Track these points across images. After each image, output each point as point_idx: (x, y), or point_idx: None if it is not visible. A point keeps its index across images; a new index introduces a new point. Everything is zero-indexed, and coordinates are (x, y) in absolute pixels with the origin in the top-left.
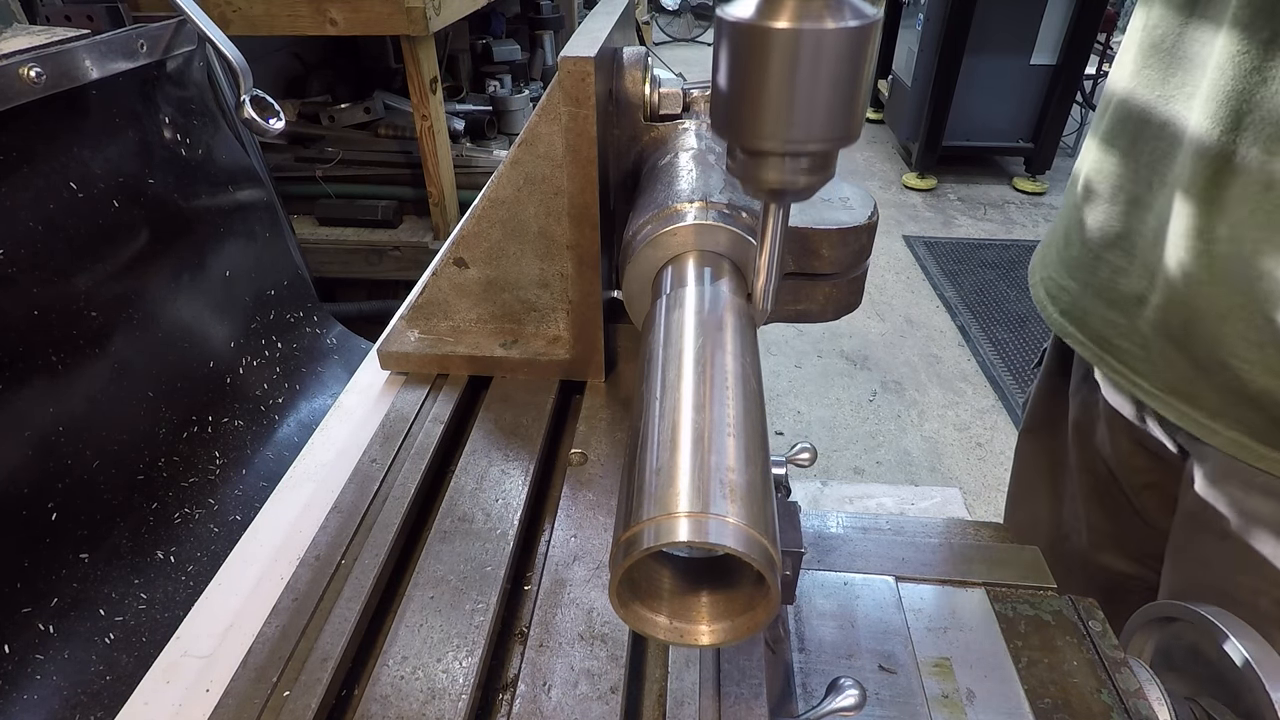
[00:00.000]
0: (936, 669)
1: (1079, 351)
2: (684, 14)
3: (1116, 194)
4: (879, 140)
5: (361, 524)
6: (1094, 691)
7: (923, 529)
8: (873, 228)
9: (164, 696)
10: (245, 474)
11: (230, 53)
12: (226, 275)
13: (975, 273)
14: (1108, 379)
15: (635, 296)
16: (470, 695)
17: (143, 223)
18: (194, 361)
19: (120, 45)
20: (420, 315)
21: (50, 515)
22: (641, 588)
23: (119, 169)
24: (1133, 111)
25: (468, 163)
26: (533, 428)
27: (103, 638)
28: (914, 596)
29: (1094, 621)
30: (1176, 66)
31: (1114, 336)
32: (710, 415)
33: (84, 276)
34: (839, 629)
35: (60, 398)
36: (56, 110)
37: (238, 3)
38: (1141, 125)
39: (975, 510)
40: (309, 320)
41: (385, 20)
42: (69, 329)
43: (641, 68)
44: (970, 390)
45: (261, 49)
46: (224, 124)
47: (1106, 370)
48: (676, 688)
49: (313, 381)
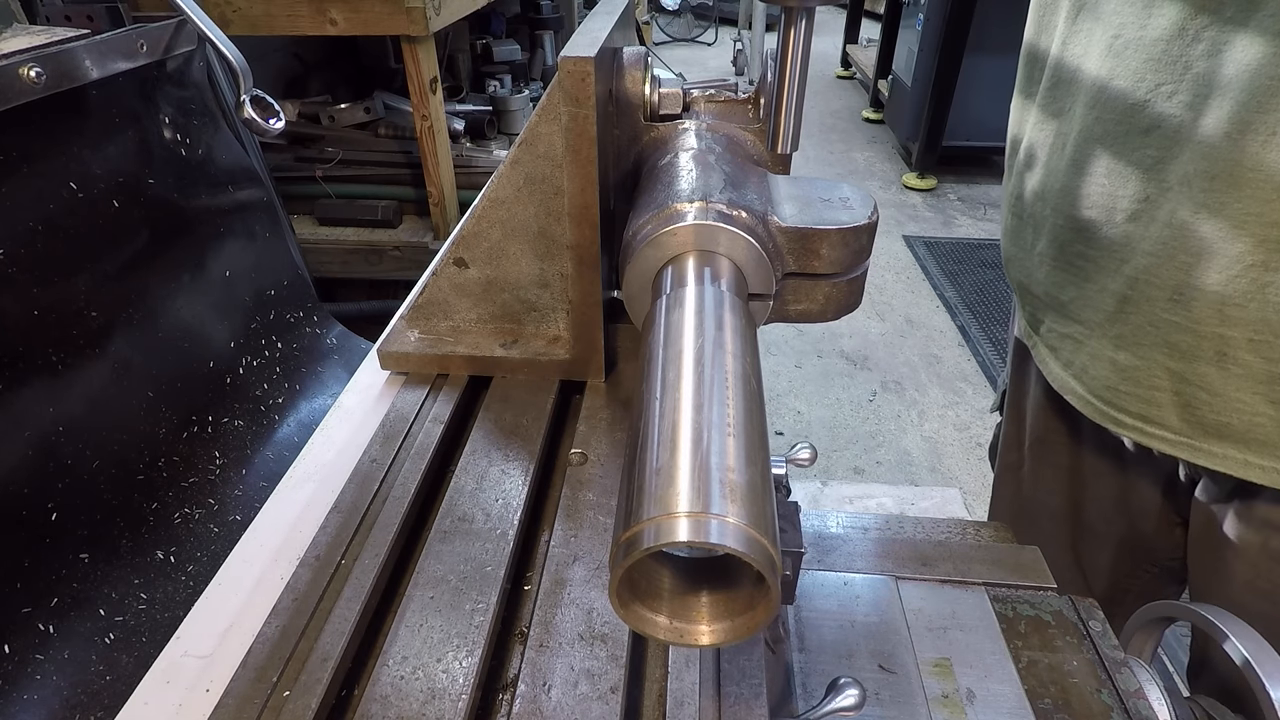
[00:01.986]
0: (936, 669)
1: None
2: (684, 14)
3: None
4: (879, 140)
5: (361, 524)
6: (1094, 691)
7: (922, 529)
8: (873, 228)
9: (164, 696)
10: (245, 474)
11: (230, 53)
12: (226, 275)
13: (975, 273)
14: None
15: (635, 296)
16: (470, 695)
17: (143, 223)
18: (194, 361)
19: (120, 45)
20: (420, 315)
21: (50, 515)
22: (641, 588)
23: (119, 169)
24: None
25: (468, 163)
26: (533, 428)
27: (103, 638)
28: (914, 596)
29: (1094, 621)
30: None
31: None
32: (710, 415)
33: (84, 276)
34: (839, 629)
35: (60, 398)
36: (56, 110)
37: (238, 3)
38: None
39: (975, 510)
40: (309, 320)
41: (385, 20)
42: (69, 329)
43: (641, 68)
44: (970, 390)
45: (261, 49)
46: (224, 124)
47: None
48: (676, 688)
49: (313, 381)
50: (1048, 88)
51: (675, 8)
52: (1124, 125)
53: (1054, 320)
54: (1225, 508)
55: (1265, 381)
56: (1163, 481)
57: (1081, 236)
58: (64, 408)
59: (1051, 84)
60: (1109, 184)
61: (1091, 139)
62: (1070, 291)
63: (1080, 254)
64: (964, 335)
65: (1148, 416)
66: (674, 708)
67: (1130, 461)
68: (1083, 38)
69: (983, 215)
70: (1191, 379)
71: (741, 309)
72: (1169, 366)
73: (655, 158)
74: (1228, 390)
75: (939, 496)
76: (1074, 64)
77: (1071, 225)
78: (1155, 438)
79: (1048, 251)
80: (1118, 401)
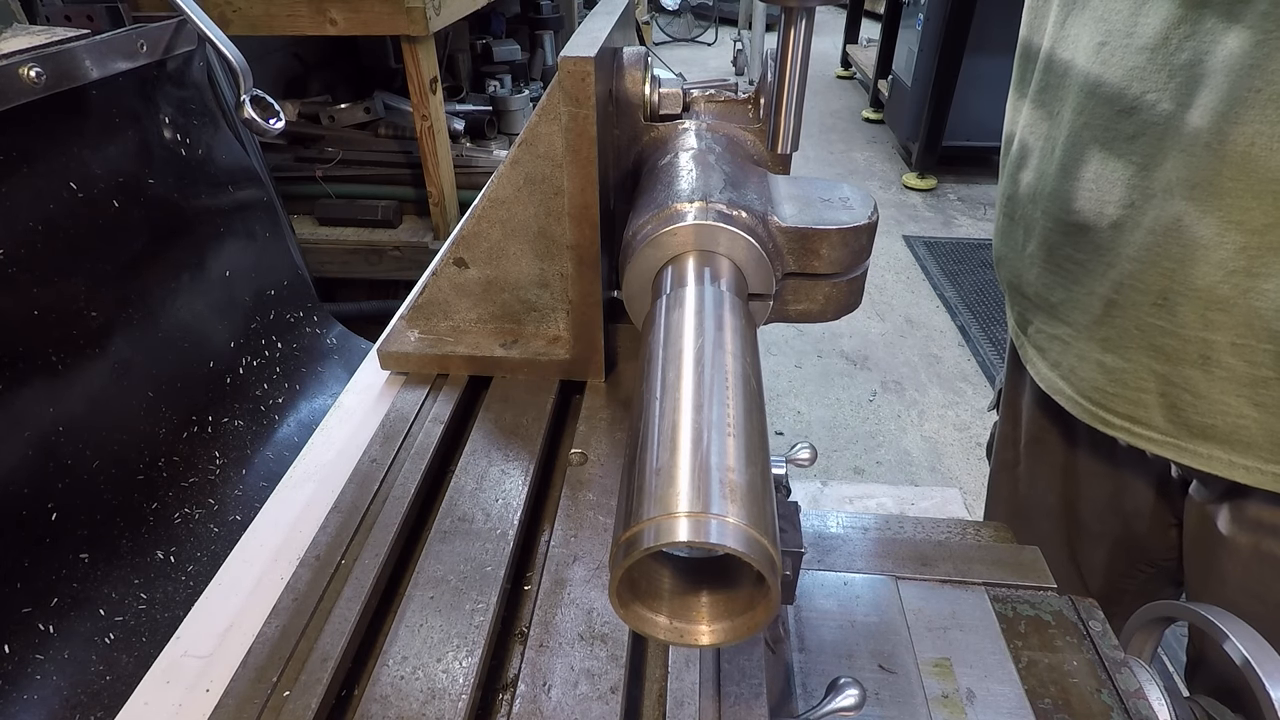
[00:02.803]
0: (936, 669)
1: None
2: (684, 14)
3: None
4: (879, 140)
5: (361, 524)
6: (1094, 692)
7: (922, 529)
8: (873, 228)
9: (164, 696)
10: (245, 474)
11: (230, 53)
12: (226, 275)
13: (975, 273)
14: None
15: (635, 296)
16: (470, 695)
17: (143, 223)
18: (194, 362)
19: (120, 45)
20: (420, 315)
21: (50, 515)
22: (641, 588)
23: (119, 169)
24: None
25: (468, 163)
26: (533, 428)
27: (103, 638)
28: (914, 596)
29: (1094, 621)
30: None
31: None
32: (710, 415)
33: (84, 276)
34: (839, 629)
35: (60, 398)
36: (57, 110)
37: (238, 3)
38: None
39: (975, 510)
40: (309, 320)
41: (385, 20)
42: (69, 329)
43: (641, 68)
44: (970, 390)
45: (261, 49)
46: (224, 124)
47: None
48: (676, 688)
49: (313, 381)
50: (1038, 89)
51: (675, 8)
52: (1111, 130)
53: (1043, 321)
54: (1218, 508)
55: (1249, 384)
56: (1156, 482)
57: (1070, 240)
58: (64, 407)
59: (1041, 86)
60: (1096, 189)
61: (1080, 143)
62: (1059, 294)
63: (1069, 257)
64: (964, 335)
65: (1135, 417)
66: (674, 708)
67: (1123, 461)
68: (1070, 41)
69: (982, 215)
70: (1177, 381)
71: (741, 309)
72: (1155, 369)
73: (655, 158)
74: (1212, 393)
75: (939, 496)
76: (1063, 66)
77: (1060, 229)
78: (1143, 438)
79: (1038, 254)
80: (1106, 403)
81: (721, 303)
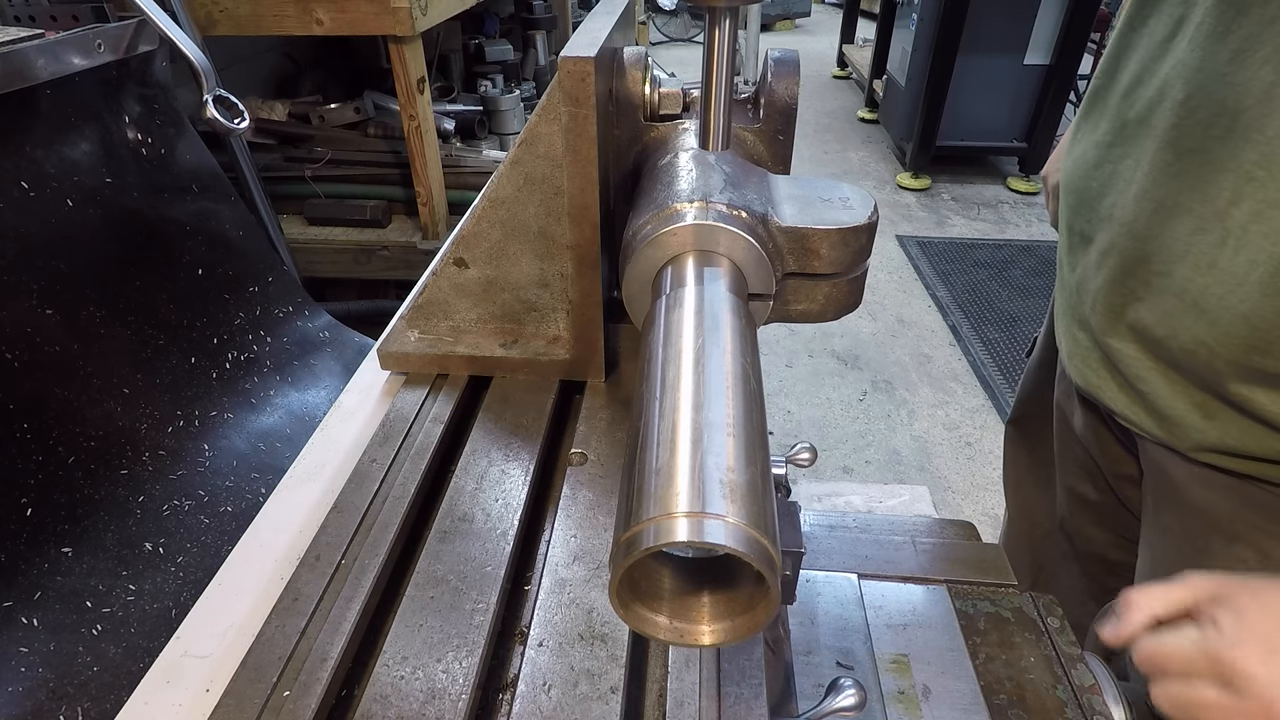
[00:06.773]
0: (894, 665)
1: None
2: (680, 14)
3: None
4: (873, 140)
5: (361, 524)
6: (1049, 687)
7: (889, 527)
8: (872, 228)
9: (164, 696)
10: (236, 465)
11: (191, 52)
12: (199, 274)
13: (968, 272)
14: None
15: (635, 296)
16: (470, 695)
17: (100, 221)
18: (172, 358)
19: (75, 45)
20: (420, 315)
21: (25, 511)
22: (642, 588)
23: (76, 168)
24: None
25: (456, 163)
26: (533, 428)
27: (89, 629)
28: (875, 594)
29: (1053, 618)
30: None
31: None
32: (710, 415)
33: (39, 275)
34: (799, 626)
35: (15, 396)
36: (8, 110)
37: (224, 3)
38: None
39: (963, 509)
40: (299, 314)
41: (371, 20)
42: (23, 327)
43: (641, 68)
44: (960, 390)
45: (253, 49)
46: (188, 123)
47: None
48: (676, 688)
49: (305, 374)
50: (1116, 124)
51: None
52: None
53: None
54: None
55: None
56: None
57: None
58: (22, 405)
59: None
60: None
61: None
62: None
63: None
64: (955, 335)
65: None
66: (674, 708)
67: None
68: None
69: (975, 215)
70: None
71: (741, 309)
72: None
73: (655, 158)
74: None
75: (908, 494)
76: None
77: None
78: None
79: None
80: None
81: (721, 303)
